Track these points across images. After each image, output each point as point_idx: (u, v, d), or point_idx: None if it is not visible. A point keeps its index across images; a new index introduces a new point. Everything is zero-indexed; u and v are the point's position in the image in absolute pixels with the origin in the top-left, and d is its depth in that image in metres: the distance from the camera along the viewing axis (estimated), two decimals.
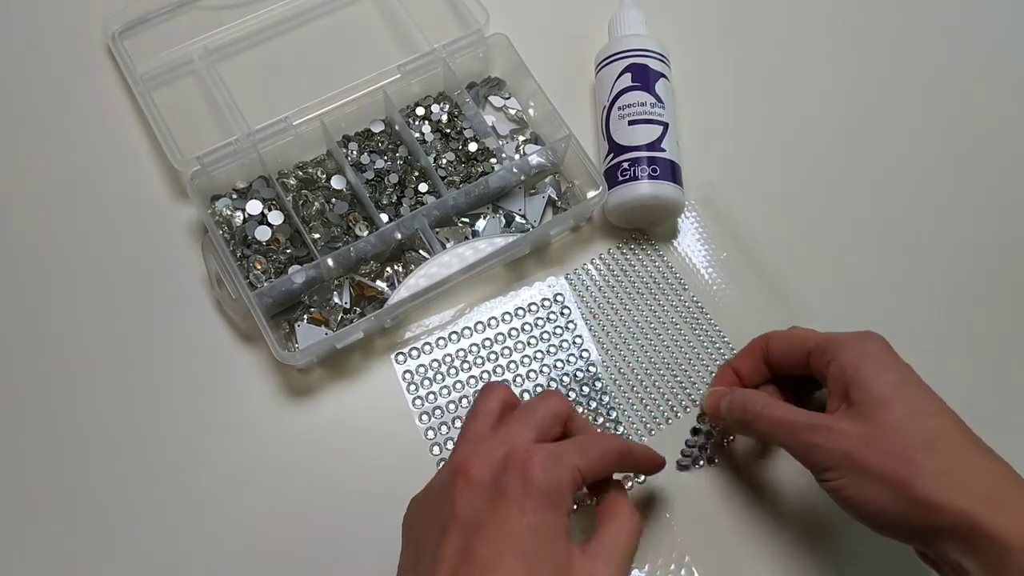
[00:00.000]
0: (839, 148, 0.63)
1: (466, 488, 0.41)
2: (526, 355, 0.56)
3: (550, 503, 0.40)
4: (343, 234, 0.57)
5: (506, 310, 0.57)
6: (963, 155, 0.63)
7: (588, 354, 0.56)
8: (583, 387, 0.55)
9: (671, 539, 0.51)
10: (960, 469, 0.41)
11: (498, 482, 0.40)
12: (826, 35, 0.68)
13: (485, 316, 0.57)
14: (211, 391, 0.54)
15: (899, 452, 0.42)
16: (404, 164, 0.59)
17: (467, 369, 0.55)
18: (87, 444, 0.53)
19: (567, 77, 0.63)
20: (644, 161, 0.56)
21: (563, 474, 0.41)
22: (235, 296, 0.53)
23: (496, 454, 0.41)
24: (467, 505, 0.40)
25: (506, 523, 0.39)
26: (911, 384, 0.45)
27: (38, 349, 0.55)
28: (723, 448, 0.54)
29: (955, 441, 0.43)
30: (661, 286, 0.58)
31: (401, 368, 0.55)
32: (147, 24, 0.63)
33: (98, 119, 0.62)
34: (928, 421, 0.43)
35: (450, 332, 0.56)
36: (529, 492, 0.40)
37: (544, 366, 0.55)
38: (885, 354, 0.46)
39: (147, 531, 0.51)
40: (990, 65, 0.67)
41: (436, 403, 0.54)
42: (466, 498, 0.40)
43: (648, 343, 0.56)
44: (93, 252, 0.58)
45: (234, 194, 0.58)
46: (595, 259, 0.59)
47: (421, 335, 0.56)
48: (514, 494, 0.40)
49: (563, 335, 0.56)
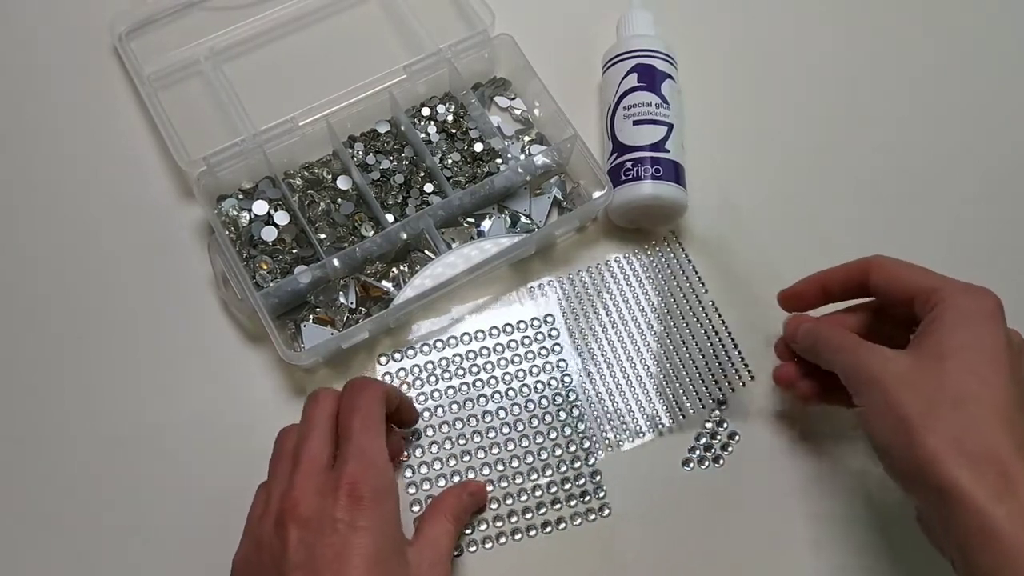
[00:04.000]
0: (849, 150, 0.63)
1: (296, 529, 0.42)
2: (507, 372, 0.55)
3: (380, 504, 0.42)
4: (349, 234, 0.57)
5: (495, 324, 0.56)
6: (971, 156, 0.63)
7: (569, 380, 0.55)
8: (560, 412, 0.54)
9: (672, 536, 0.51)
10: (976, 442, 0.40)
11: (325, 511, 0.42)
12: (838, 39, 0.67)
13: (473, 328, 0.56)
14: (217, 391, 0.55)
15: (927, 400, 0.41)
16: (410, 164, 0.59)
17: (447, 379, 0.55)
18: (93, 443, 0.53)
19: (572, 78, 0.63)
20: (647, 161, 0.56)
21: (381, 472, 0.44)
22: (241, 296, 0.53)
23: (310, 487, 0.43)
24: (301, 547, 0.41)
25: (347, 546, 0.41)
26: (984, 349, 0.42)
27: (44, 348, 0.56)
28: (728, 449, 0.54)
29: (990, 414, 0.40)
30: (659, 291, 0.58)
31: (382, 369, 0.55)
32: (154, 25, 0.63)
33: (104, 120, 0.62)
34: (973, 385, 0.41)
35: (435, 340, 0.56)
36: (359, 506, 0.42)
37: (524, 386, 0.55)
38: (982, 316, 0.43)
39: (154, 530, 0.51)
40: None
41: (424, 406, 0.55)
42: (299, 539, 0.41)
43: (637, 353, 0.56)
44: (99, 253, 0.58)
45: (240, 194, 0.58)
46: (591, 266, 0.59)
47: (427, 336, 0.56)
48: (345, 515, 0.41)
49: (548, 356, 0.56)
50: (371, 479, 0.43)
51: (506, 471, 0.53)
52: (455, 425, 0.54)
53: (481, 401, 0.54)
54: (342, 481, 0.42)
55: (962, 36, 0.68)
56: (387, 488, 0.44)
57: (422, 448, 0.53)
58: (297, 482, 0.43)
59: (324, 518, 0.42)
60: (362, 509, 0.42)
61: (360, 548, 0.41)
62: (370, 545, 0.41)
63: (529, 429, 0.54)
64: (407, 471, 0.53)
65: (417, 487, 0.52)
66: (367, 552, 0.41)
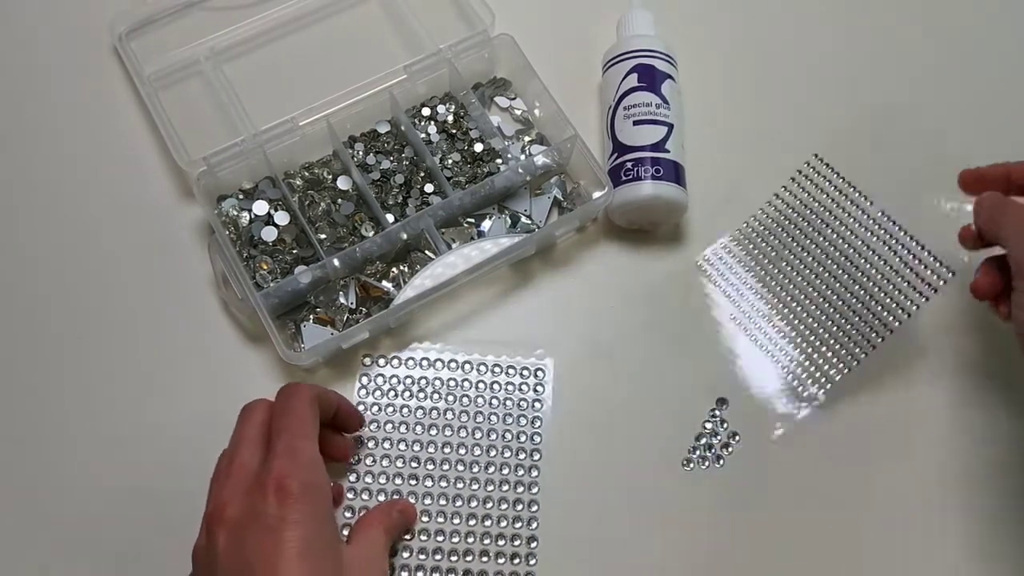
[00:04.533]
0: (850, 151, 0.63)
1: (224, 532, 0.41)
2: (480, 411, 0.54)
3: (309, 498, 0.42)
4: (349, 234, 0.57)
5: (484, 361, 0.55)
6: None
7: (539, 438, 0.53)
8: (518, 468, 0.52)
9: (672, 536, 0.52)
10: None
11: (253, 508, 0.41)
12: (838, 39, 0.67)
13: (461, 357, 0.55)
14: (217, 391, 0.55)
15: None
16: (410, 165, 0.59)
17: (421, 398, 0.54)
18: (93, 443, 0.53)
19: (573, 78, 0.63)
20: (648, 161, 0.56)
21: (310, 469, 0.43)
22: (241, 296, 0.53)
23: (239, 490, 0.42)
24: (231, 547, 0.41)
25: (278, 540, 0.40)
26: None
27: (43, 348, 0.56)
28: (729, 449, 0.54)
29: None
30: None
31: (363, 371, 0.55)
32: (154, 25, 0.63)
33: (104, 120, 0.62)
34: None
35: (422, 358, 0.55)
36: (288, 500, 0.41)
37: (492, 429, 0.53)
38: None
39: (153, 529, 0.51)
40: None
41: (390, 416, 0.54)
42: (227, 540, 0.41)
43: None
44: (99, 253, 0.58)
45: (240, 194, 0.58)
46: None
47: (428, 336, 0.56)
48: (274, 510, 0.41)
49: (525, 409, 0.54)
50: (299, 474, 0.42)
51: (446, 507, 0.51)
52: (412, 446, 0.53)
53: (446, 431, 0.53)
54: (269, 477, 0.42)
55: (962, 36, 0.68)
56: (317, 484, 0.43)
57: (373, 457, 0.52)
58: (226, 488, 0.43)
59: (252, 515, 0.41)
60: (291, 503, 0.41)
61: (291, 541, 0.40)
62: (301, 538, 0.40)
63: (482, 473, 0.52)
64: (351, 475, 0.52)
65: (356, 494, 0.52)
66: (298, 546, 0.40)
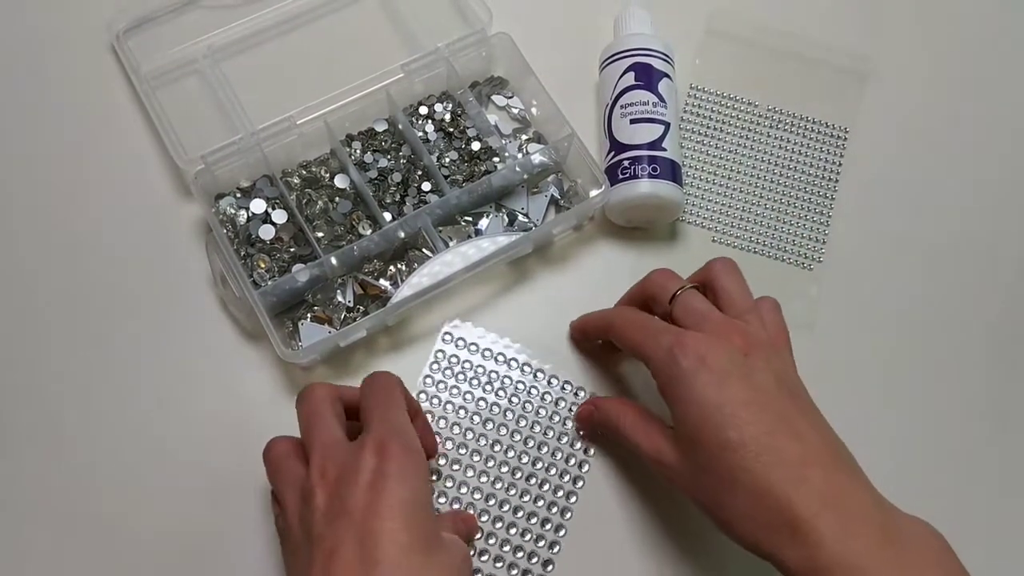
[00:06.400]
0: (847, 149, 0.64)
1: (323, 491, 0.40)
2: (525, 416, 0.54)
3: (410, 457, 0.41)
4: (346, 233, 0.57)
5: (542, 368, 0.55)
6: None
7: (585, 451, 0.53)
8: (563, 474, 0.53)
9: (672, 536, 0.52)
10: (759, 508, 0.40)
11: (352, 465, 0.40)
12: (838, 38, 0.67)
13: (523, 357, 0.55)
14: (215, 389, 0.55)
15: (712, 492, 0.42)
16: (407, 163, 0.59)
17: (476, 386, 0.55)
18: (92, 443, 0.53)
19: (570, 76, 0.63)
20: (645, 160, 0.56)
21: (409, 436, 0.42)
22: (239, 294, 0.53)
23: (335, 455, 0.41)
24: (332, 503, 0.40)
25: (379, 492, 0.39)
26: (720, 406, 0.42)
27: (41, 347, 0.56)
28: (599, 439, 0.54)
29: (758, 471, 0.40)
30: None
31: (435, 348, 0.55)
32: (151, 23, 0.63)
33: (102, 118, 0.62)
34: (729, 456, 0.41)
35: (483, 348, 0.56)
36: (389, 457, 0.40)
37: (527, 452, 0.53)
38: (698, 368, 0.43)
39: (152, 529, 0.51)
40: None
41: (448, 400, 0.54)
42: (328, 497, 0.40)
43: None
44: (97, 251, 0.58)
45: (238, 193, 0.58)
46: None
47: None
48: (374, 464, 0.40)
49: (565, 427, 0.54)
50: (398, 438, 0.41)
51: (492, 506, 0.52)
52: (465, 433, 0.53)
53: (500, 430, 0.54)
54: (369, 437, 0.40)
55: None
56: (415, 448, 0.42)
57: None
58: (315, 460, 0.41)
59: (354, 471, 0.40)
60: (392, 460, 0.40)
61: (393, 491, 0.39)
62: (401, 491, 0.39)
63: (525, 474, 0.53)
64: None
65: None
66: (399, 496, 0.39)
